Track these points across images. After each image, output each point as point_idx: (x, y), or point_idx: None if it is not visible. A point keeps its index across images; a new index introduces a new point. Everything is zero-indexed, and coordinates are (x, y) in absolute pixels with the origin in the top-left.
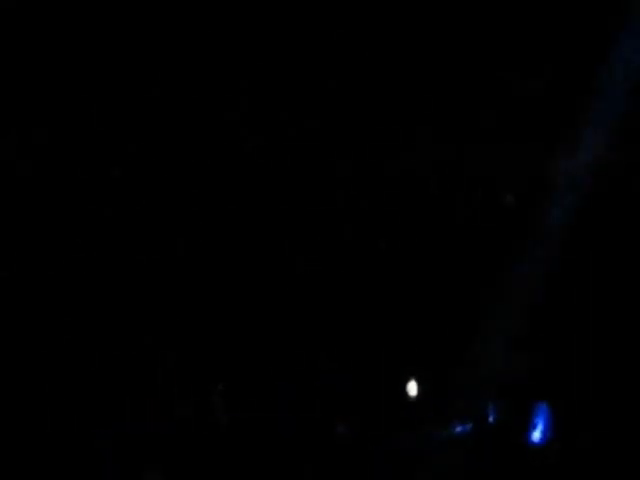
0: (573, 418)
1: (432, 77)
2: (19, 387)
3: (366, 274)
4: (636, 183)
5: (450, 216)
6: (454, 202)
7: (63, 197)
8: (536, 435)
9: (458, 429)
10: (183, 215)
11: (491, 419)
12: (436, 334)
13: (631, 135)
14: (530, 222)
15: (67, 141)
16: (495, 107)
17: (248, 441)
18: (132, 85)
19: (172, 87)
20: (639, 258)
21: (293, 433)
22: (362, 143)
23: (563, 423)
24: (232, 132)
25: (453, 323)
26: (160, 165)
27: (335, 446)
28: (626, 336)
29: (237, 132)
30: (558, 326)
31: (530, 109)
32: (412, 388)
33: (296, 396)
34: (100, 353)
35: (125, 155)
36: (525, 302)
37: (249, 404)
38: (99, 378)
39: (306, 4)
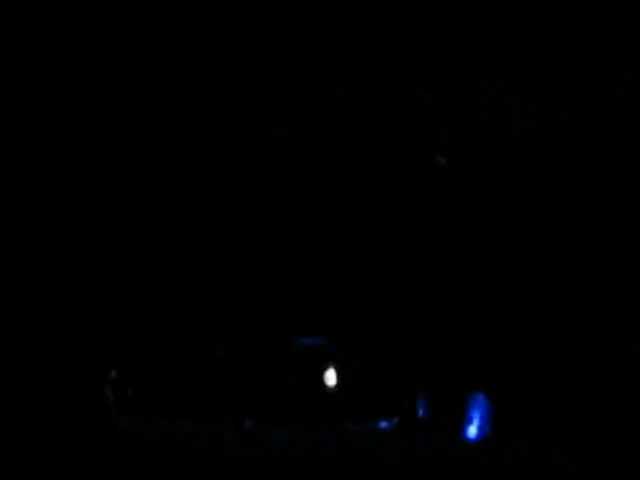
0: (513, 411)
1: None
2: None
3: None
4: None
5: None
6: None
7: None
8: (472, 430)
9: (382, 424)
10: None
11: (420, 413)
12: (360, 321)
13: None
14: None
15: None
16: None
17: None
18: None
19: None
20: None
21: None
22: None
23: (502, 416)
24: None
25: (377, 310)
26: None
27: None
28: (565, 322)
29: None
30: (491, 311)
31: None
32: (330, 377)
33: None
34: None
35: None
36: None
37: None
38: None
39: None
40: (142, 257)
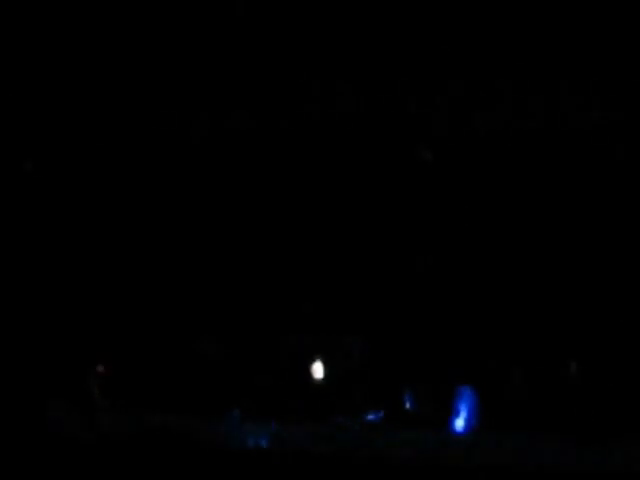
0: (500, 404)
1: None
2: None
3: None
4: None
5: None
6: None
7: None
8: (459, 423)
9: (369, 417)
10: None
11: (408, 406)
12: (344, 314)
13: None
14: None
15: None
16: None
17: None
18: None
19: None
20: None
21: None
22: None
23: (489, 409)
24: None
25: (364, 305)
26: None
27: None
28: (551, 315)
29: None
30: (478, 305)
31: None
32: (317, 370)
33: None
34: None
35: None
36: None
37: None
38: None
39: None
40: (131, 253)
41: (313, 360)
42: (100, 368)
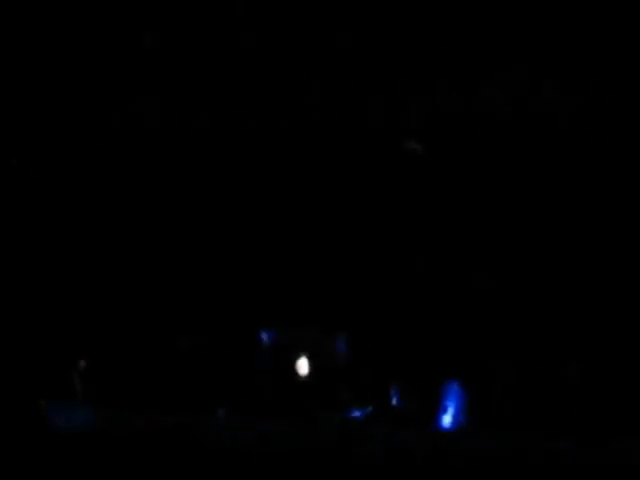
0: (489, 400)
1: None
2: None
3: None
4: None
5: None
6: None
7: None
8: (447, 420)
9: (355, 414)
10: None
11: (394, 402)
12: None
13: None
14: None
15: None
16: None
17: None
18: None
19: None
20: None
21: None
22: None
23: (477, 406)
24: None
25: (349, 299)
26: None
27: None
28: (540, 309)
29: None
30: (465, 298)
31: None
32: (302, 365)
33: None
34: None
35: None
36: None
37: None
38: None
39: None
40: (109, 248)
41: (298, 356)
42: (82, 364)
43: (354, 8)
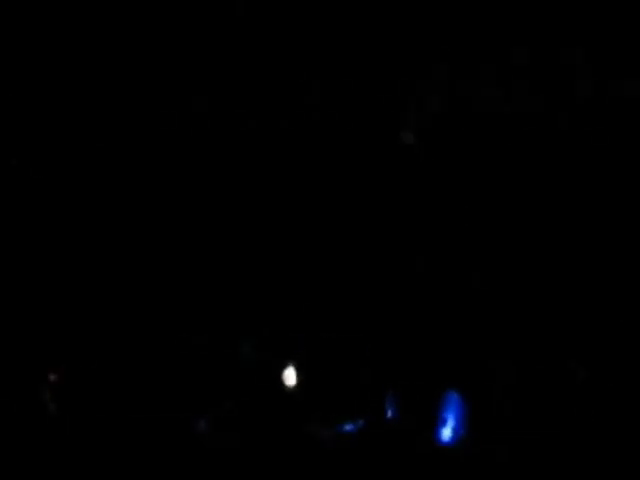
0: (490, 411)
1: None
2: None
3: None
4: None
5: None
6: None
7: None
8: (446, 432)
9: (347, 427)
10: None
11: (389, 414)
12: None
13: None
14: None
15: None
16: None
17: None
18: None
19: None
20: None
21: None
22: None
23: (478, 417)
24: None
25: (342, 306)
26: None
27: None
28: (541, 318)
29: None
30: (465, 306)
31: None
32: (290, 376)
33: None
34: None
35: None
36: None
37: None
38: None
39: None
40: (109, 247)
41: (285, 366)
42: (52, 377)
43: (354, 8)
